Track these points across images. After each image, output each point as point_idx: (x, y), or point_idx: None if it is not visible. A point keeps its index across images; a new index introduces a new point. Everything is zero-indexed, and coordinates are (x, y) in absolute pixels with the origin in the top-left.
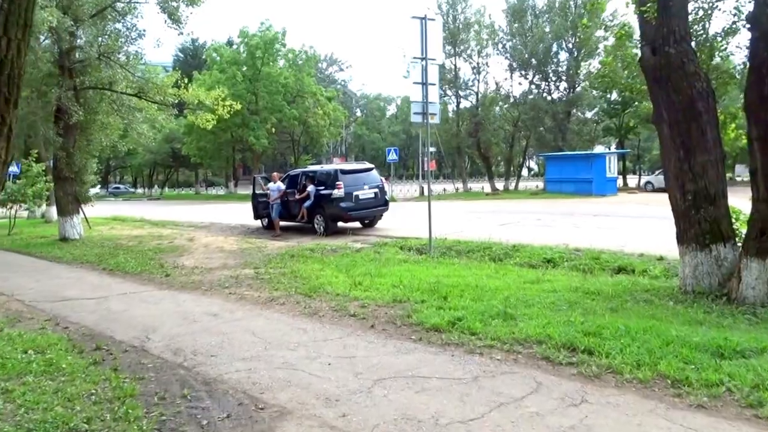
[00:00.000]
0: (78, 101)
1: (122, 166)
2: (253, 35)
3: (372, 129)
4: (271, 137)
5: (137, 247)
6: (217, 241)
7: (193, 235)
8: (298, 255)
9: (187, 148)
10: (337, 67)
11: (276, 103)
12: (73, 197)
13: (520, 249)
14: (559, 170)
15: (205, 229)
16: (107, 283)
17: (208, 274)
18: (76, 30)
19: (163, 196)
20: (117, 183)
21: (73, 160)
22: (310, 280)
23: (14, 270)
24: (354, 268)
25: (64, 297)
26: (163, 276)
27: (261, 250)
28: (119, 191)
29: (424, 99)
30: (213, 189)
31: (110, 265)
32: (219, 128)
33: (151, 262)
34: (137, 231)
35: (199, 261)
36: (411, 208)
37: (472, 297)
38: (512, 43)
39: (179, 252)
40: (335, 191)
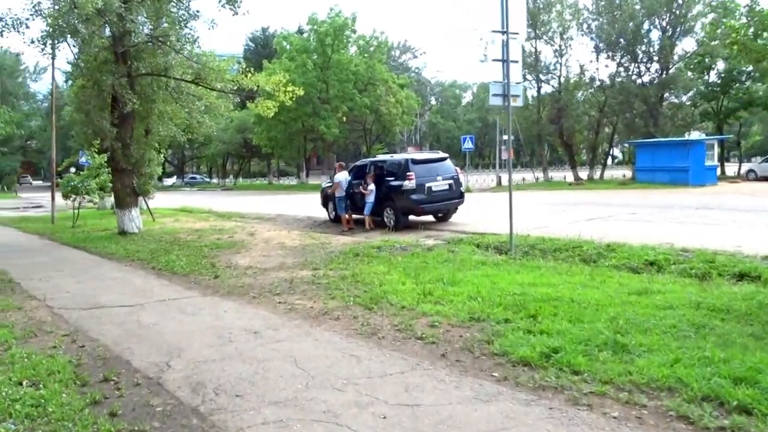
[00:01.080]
0: (133, 89)
1: (197, 156)
2: (322, 22)
3: (447, 117)
4: (342, 126)
5: (195, 242)
6: (279, 236)
7: (256, 228)
8: (363, 254)
9: (257, 138)
10: (410, 55)
11: (347, 91)
12: (131, 190)
13: (616, 249)
14: (651, 158)
15: (270, 222)
16: (150, 287)
17: (260, 276)
18: (125, 12)
19: (236, 186)
20: (193, 173)
21: (129, 151)
22: (372, 287)
23: (61, 268)
24: (424, 272)
25: (97, 303)
26: (211, 278)
27: (324, 247)
28: (195, 181)
29: (505, 79)
30: (285, 179)
31: (160, 263)
32: (290, 118)
33: (203, 260)
34: (200, 224)
35: (255, 259)
36: (488, 199)
37: (568, 316)
38: (598, 23)
39: (236, 248)
40: (406, 183)
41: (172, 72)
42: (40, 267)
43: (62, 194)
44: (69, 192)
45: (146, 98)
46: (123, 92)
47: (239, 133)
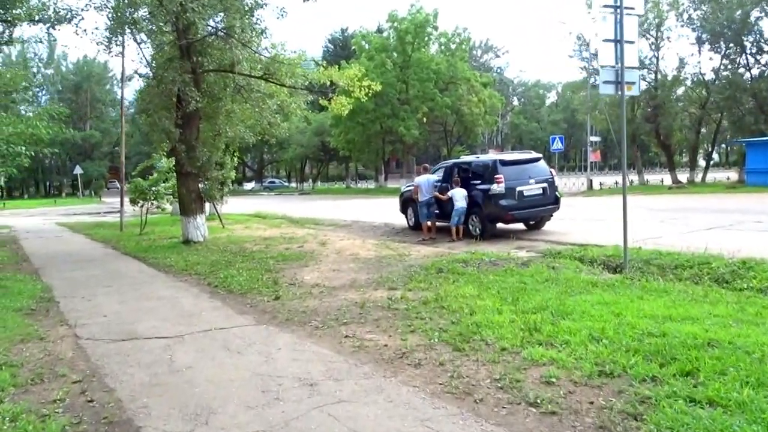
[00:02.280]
0: (197, 86)
1: (276, 160)
2: (402, 19)
3: (530, 118)
4: (422, 127)
5: (260, 253)
6: (353, 246)
7: (329, 237)
8: (448, 269)
9: (335, 140)
10: (492, 54)
11: (427, 90)
12: (197, 195)
13: (755, 267)
14: (765, 159)
15: (345, 229)
16: (198, 310)
17: (327, 298)
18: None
19: (314, 190)
20: (272, 177)
21: (195, 153)
22: (461, 316)
23: (111, 283)
24: (524, 297)
25: (131, 333)
26: (271, 299)
27: (402, 260)
28: (274, 185)
29: (619, 62)
30: (363, 182)
31: (218, 279)
32: (368, 119)
33: (265, 276)
34: (270, 231)
35: (323, 275)
36: (581, 204)
37: (743, 375)
38: (700, 12)
39: (305, 261)
40: (494, 186)
41: (239, 68)
42: (90, 282)
43: (130, 200)
44: (137, 198)
45: (212, 97)
46: (187, 90)
47: (317, 136)
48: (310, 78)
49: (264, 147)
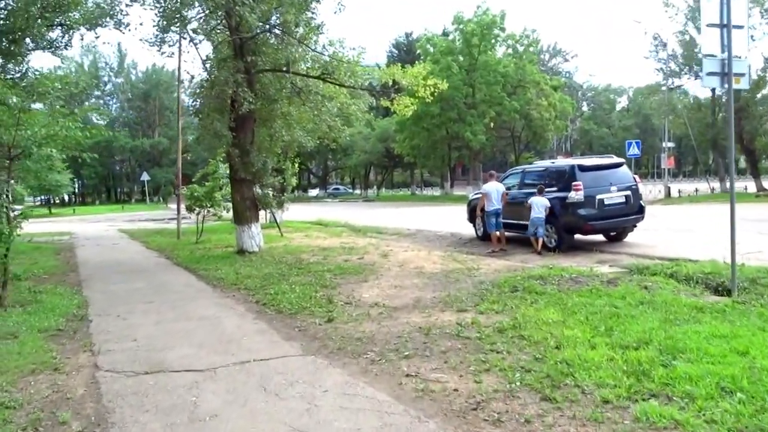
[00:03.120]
0: (251, 87)
1: (340, 167)
2: (468, 21)
3: (600, 123)
4: (489, 133)
5: (317, 265)
6: (418, 258)
7: (392, 247)
8: (523, 287)
9: (399, 146)
10: (561, 58)
11: (495, 94)
12: (251, 203)
13: None
14: None
15: (409, 238)
16: (240, 335)
17: (387, 321)
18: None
19: (378, 197)
20: (337, 184)
21: (249, 158)
22: (546, 351)
23: (153, 299)
24: (619, 325)
25: (159, 363)
26: (323, 321)
27: (471, 275)
28: (338, 192)
29: (726, 50)
30: (428, 189)
31: (268, 295)
32: (433, 124)
33: (319, 292)
34: (330, 241)
35: (383, 292)
36: (662, 213)
37: None
38: None
39: (364, 275)
40: (572, 194)
41: (295, 67)
42: (131, 297)
43: (186, 207)
44: (192, 205)
45: (268, 98)
46: (240, 91)
47: (381, 141)
48: (372, 77)
49: (328, 153)
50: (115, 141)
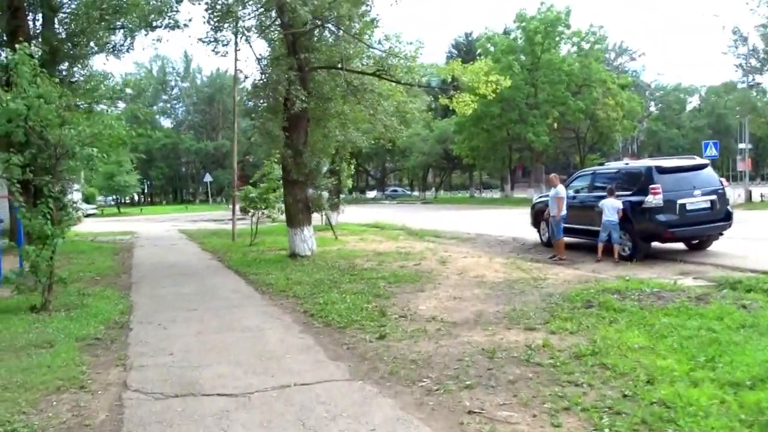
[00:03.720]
0: (304, 85)
1: (398, 168)
2: (531, 18)
3: (670, 124)
4: (552, 134)
5: (371, 271)
6: (478, 265)
7: (450, 253)
8: (598, 302)
9: (458, 148)
10: (627, 57)
11: (558, 94)
12: (304, 205)
13: None
14: None
15: (468, 244)
16: (283, 351)
17: (446, 340)
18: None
19: (436, 199)
20: (394, 186)
21: (302, 159)
22: (636, 386)
23: (197, 306)
24: (721, 354)
25: (190, 385)
26: (374, 337)
27: (537, 285)
28: (396, 194)
29: None
30: (488, 192)
31: (317, 305)
32: (493, 125)
33: (372, 303)
34: (386, 245)
35: (441, 304)
36: (747, 219)
37: None
38: None
39: (421, 283)
40: (649, 198)
41: (349, 64)
42: (176, 302)
43: (240, 209)
44: (247, 206)
45: (321, 97)
46: (292, 89)
47: (440, 143)
48: (431, 73)
49: (386, 155)
50: (181, 143)
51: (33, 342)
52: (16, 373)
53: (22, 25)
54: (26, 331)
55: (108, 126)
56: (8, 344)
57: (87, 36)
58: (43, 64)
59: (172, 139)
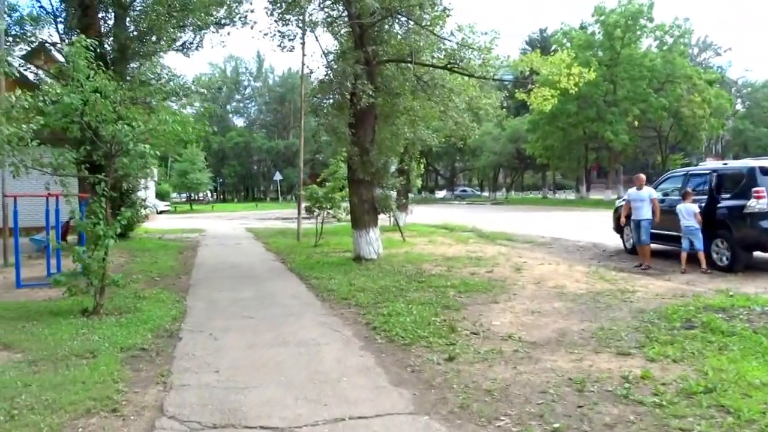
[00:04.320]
0: (372, 79)
1: (468, 168)
2: (611, 11)
3: (758, 123)
4: (632, 132)
5: (440, 278)
6: (557, 273)
7: (525, 259)
8: (701, 322)
9: (531, 147)
10: (711, 52)
11: (639, 90)
12: (370, 206)
13: None
14: None
15: (544, 248)
16: (339, 373)
17: (525, 364)
18: None
19: (507, 200)
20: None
21: (368, 157)
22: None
23: (253, 313)
24: None
25: (231, 413)
26: (443, 358)
27: (626, 299)
28: (465, 194)
29: None
30: (561, 193)
31: (380, 316)
32: (569, 123)
33: (440, 315)
34: (456, 248)
35: (518, 319)
36: None
37: None
38: None
39: (494, 294)
40: (752, 202)
41: (419, 57)
42: (232, 309)
43: (305, 208)
44: (312, 206)
45: (389, 92)
46: (359, 83)
47: (512, 142)
48: (506, 65)
49: (456, 154)
50: (253, 142)
51: (75, 351)
52: (48, 390)
53: (93, 23)
54: (71, 338)
55: (163, 122)
56: (50, 353)
57: (155, 33)
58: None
59: (245, 137)
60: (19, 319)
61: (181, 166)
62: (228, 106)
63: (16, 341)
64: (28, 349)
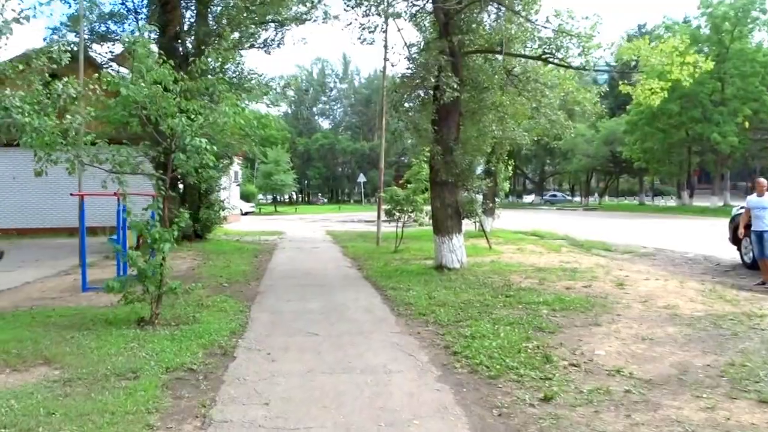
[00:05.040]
0: (457, 72)
1: (558, 172)
2: (719, 3)
3: None
4: (741, 134)
5: (531, 292)
6: (666, 291)
7: (626, 272)
8: None
9: (628, 150)
10: None
11: (751, 88)
12: (454, 210)
13: None
14: None
15: (647, 260)
16: (410, 414)
17: (641, 413)
18: None
19: (600, 205)
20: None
21: (452, 157)
22: None
23: (319, 329)
24: None
25: None
26: (536, 398)
27: (753, 325)
28: (555, 199)
29: None
30: (660, 199)
31: (461, 338)
32: (670, 125)
33: (533, 340)
34: (547, 258)
35: (627, 348)
36: None
37: None
38: None
39: (595, 314)
40: None
41: (510, 47)
42: (296, 323)
43: (385, 212)
44: (392, 209)
45: (476, 86)
46: (443, 76)
47: (607, 145)
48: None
49: (546, 157)
50: (338, 144)
51: (117, 369)
52: (70, 421)
53: (173, 19)
54: (118, 353)
55: (223, 114)
56: (90, 370)
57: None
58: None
59: (330, 139)
60: (71, 327)
61: (266, 168)
62: (314, 108)
63: (59, 355)
64: (69, 365)
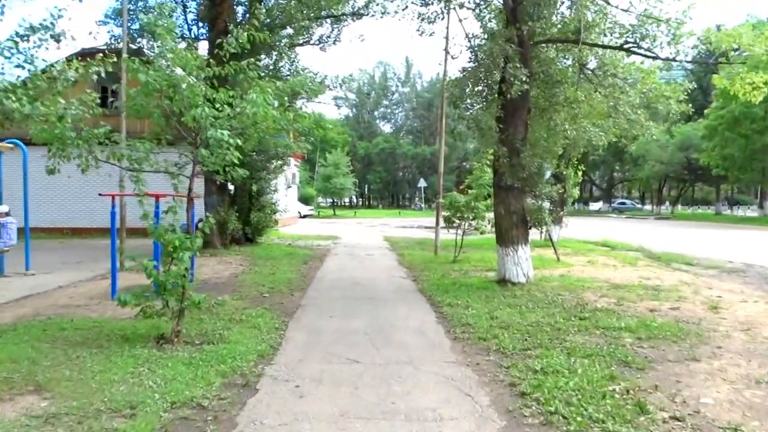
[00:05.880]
0: (526, 64)
1: (628, 179)
2: None
3: None
4: None
5: (609, 315)
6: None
7: (716, 290)
8: None
9: (707, 156)
10: None
11: None
12: (520, 218)
13: None
14: None
15: (737, 277)
16: None
17: None
18: None
19: (673, 214)
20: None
21: (518, 159)
22: None
23: (360, 356)
24: None
25: None
26: None
27: None
28: (624, 207)
29: None
30: (737, 209)
31: (530, 375)
32: (753, 130)
33: (618, 380)
34: (623, 272)
35: (738, 394)
36: None
37: None
38: None
39: (690, 343)
40: None
41: (586, 36)
42: (337, 345)
43: (444, 219)
44: (451, 216)
45: (547, 80)
46: (509, 67)
47: (681, 151)
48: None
49: (615, 163)
50: (399, 148)
51: (114, 403)
52: None
53: (221, 12)
54: (122, 380)
55: (251, 102)
56: (83, 402)
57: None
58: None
59: (391, 143)
60: (81, 344)
61: (326, 171)
62: (375, 112)
63: (53, 381)
64: (60, 394)
